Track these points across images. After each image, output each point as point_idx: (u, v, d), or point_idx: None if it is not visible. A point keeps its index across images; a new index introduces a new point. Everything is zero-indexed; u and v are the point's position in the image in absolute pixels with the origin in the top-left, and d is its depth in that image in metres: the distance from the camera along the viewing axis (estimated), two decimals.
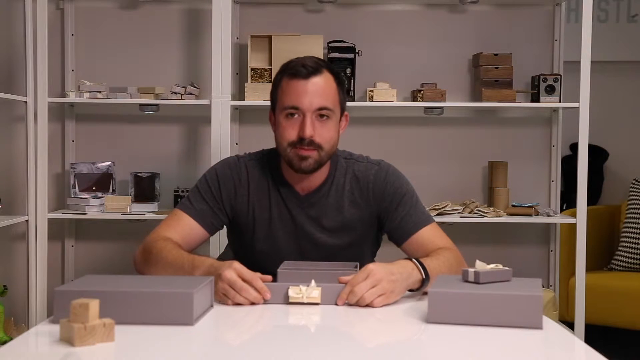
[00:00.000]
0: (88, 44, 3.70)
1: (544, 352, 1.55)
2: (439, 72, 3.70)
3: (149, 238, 2.15)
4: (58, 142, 3.70)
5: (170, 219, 2.20)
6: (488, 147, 3.76)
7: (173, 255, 2.04)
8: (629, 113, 4.83)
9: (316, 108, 2.09)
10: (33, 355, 1.48)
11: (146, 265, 2.10)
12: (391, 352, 1.52)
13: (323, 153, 2.12)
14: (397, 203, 2.20)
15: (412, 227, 2.17)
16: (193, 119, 3.71)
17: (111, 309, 1.52)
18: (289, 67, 2.15)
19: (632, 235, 4.13)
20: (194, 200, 2.21)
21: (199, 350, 1.51)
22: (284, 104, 2.12)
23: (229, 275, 1.82)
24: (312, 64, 2.12)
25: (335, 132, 2.15)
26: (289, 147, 2.12)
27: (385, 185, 2.22)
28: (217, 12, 3.33)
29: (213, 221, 2.21)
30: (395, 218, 2.20)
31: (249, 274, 1.84)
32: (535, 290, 1.65)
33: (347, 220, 2.22)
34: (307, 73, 2.10)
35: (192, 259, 1.99)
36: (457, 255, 2.13)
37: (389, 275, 1.85)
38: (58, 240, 3.71)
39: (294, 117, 2.11)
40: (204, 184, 2.24)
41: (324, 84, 2.11)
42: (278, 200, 2.22)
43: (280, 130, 2.13)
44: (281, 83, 2.15)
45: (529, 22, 3.75)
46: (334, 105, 2.13)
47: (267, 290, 1.83)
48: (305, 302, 1.83)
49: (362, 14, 3.73)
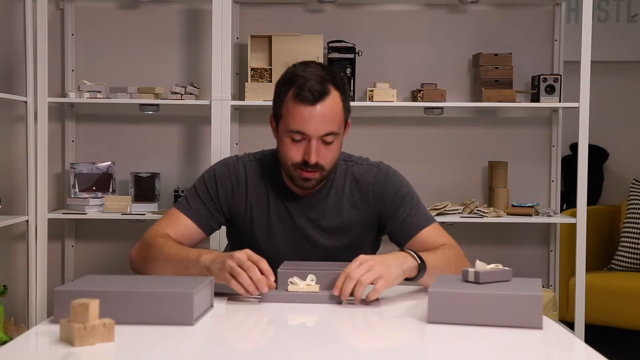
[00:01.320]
0: (88, 44, 3.70)
1: (544, 352, 1.55)
2: (439, 72, 3.70)
3: (147, 236, 2.15)
4: (58, 142, 3.70)
5: (167, 218, 2.21)
6: (488, 147, 3.76)
7: (176, 248, 2.06)
8: (629, 113, 4.83)
9: (322, 134, 2.08)
10: (33, 355, 1.48)
11: (146, 262, 2.09)
12: (391, 352, 1.52)
13: (325, 172, 2.14)
14: (398, 205, 2.20)
15: (414, 228, 2.18)
16: (193, 119, 3.71)
17: (111, 309, 1.52)
18: (295, 85, 2.08)
19: (632, 235, 4.13)
20: (191, 200, 2.22)
21: (199, 350, 1.51)
22: (289, 126, 2.09)
23: (239, 254, 1.87)
24: (319, 87, 2.06)
25: (338, 150, 2.16)
26: (292, 166, 2.12)
27: (385, 187, 2.22)
28: (217, 12, 3.33)
29: (210, 221, 2.21)
30: (396, 220, 2.20)
31: (258, 257, 1.88)
32: (535, 290, 1.66)
33: (346, 222, 2.22)
34: (314, 99, 2.05)
35: (198, 249, 2.02)
36: (458, 251, 2.13)
37: (382, 261, 1.89)
38: (58, 240, 3.71)
39: (299, 140, 2.09)
40: (202, 184, 2.24)
41: (330, 108, 2.08)
42: (277, 202, 2.22)
43: (285, 149, 2.12)
44: (286, 100, 2.10)
45: (529, 22, 3.75)
46: (339, 126, 2.12)
47: (272, 273, 1.86)
48: (304, 291, 1.85)
49: (362, 14, 3.73)
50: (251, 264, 1.85)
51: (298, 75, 2.10)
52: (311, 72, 2.09)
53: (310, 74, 2.08)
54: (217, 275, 1.88)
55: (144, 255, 2.11)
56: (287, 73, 2.15)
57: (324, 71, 2.12)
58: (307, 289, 1.88)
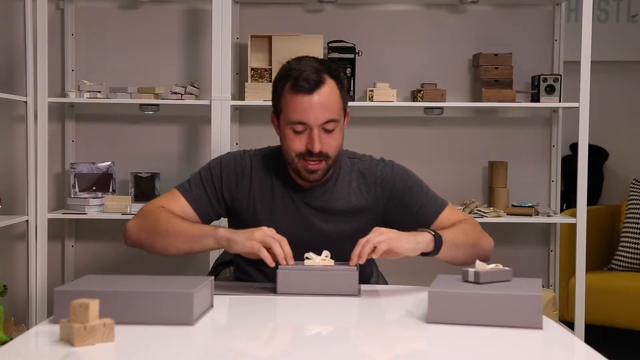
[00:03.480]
0: (88, 44, 3.70)
1: (544, 352, 1.55)
2: (439, 72, 3.70)
3: (147, 209, 2.17)
4: (58, 142, 3.70)
5: (167, 196, 2.23)
6: (488, 147, 3.76)
7: (186, 222, 2.12)
8: (629, 113, 4.83)
9: (322, 122, 2.12)
10: (33, 355, 1.48)
11: (151, 234, 2.11)
12: (391, 352, 1.52)
13: (330, 161, 2.17)
14: (409, 196, 2.24)
15: (431, 215, 2.23)
16: (193, 119, 3.71)
17: (111, 309, 1.52)
18: (291, 78, 2.13)
19: (632, 235, 4.13)
20: (194, 185, 2.25)
21: (199, 350, 1.51)
22: (290, 118, 2.13)
23: (266, 229, 1.99)
24: (314, 76, 2.11)
25: (341, 138, 2.19)
26: (297, 157, 2.15)
27: (393, 181, 2.25)
28: (217, 12, 3.33)
29: (207, 209, 2.23)
30: (412, 210, 2.24)
31: (280, 236, 1.99)
32: (535, 290, 1.66)
33: (352, 208, 2.24)
34: (311, 87, 2.10)
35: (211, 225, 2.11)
36: (473, 224, 2.22)
37: (397, 232, 1.99)
38: (58, 240, 3.71)
39: (301, 131, 2.13)
40: (207, 171, 2.27)
41: (327, 96, 2.12)
42: (282, 193, 2.24)
43: (287, 142, 2.16)
44: (284, 94, 2.15)
45: (529, 22, 3.75)
46: (339, 113, 2.16)
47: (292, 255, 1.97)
48: (320, 265, 1.97)
49: (362, 14, 3.73)
50: (281, 237, 1.97)
51: (293, 68, 2.15)
52: (306, 64, 2.15)
53: (305, 66, 2.14)
54: (242, 244, 1.96)
55: (148, 228, 2.11)
56: (282, 69, 2.20)
57: (318, 62, 2.17)
58: (322, 263, 1.98)
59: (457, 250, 2.10)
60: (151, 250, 2.15)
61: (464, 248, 2.12)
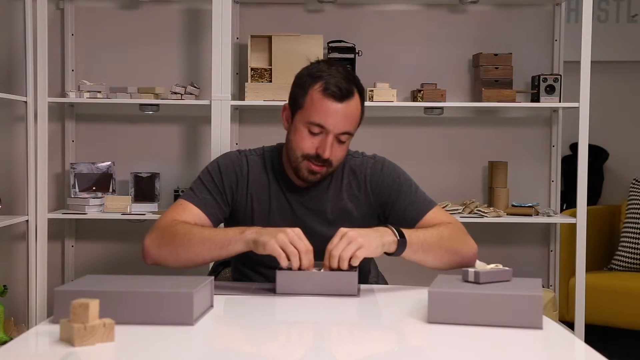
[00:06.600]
0: (88, 44, 3.70)
1: (544, 352, 1.55)
2: (439, 72, 3.70)
3: (162, 225, 2.12)
4: (58, 142, 3.70)
5: (176, 208, 2.20)
6: (488, 147, 3.76)
7: (208, 230, 2.10)
8: (629, 113, 4.83)
9: (340, 132, 2.14)
10: (33, 355, 1.48)
11: (174, 248, 2.06)
12: (391, 352, 1.52)
13: (332, 169, 2.20)
14: (397, 194, 2.24)
15: (417, 215, 2.21)
16: (193, 119, 3.71)
17: (111, 309, 1.52)
18: (322, 80, 2.14)
19: (632, 235, 4.13)
20: (198, 191, 2.23)
21: (199, 350, 1.51)
22: (311, 118, 2.14)
23: (292, 233, 1.93)
24: (347, 85, 2.13)
25: (347, 150, 2.23)
26: (302, 157, 2.16)
27: (382, 178, 2.26)
28: (217, 12, 3.32)
29: (216, 211, 2.23)
30: (398, 209, 2.23)
31: (304, 245, 1.96)
32: (535, 290, 1.66)
33: (345, 212, 2.26)
34: (342, 96, 2.12)
35: (233, 227, 2.08)
36: (455, 227, 2.16)
37: (362, 232, 1.95)
38: (58, 240, 3.71)
39: (316, 133, 2.14)
40: (207, 175, 2.26)
41: (352, 110, 2.15)
42: (278, 193, 2.25)
43: (298, 139, 2.17)
44: (311, 92, 2.15)
45: (529, 22, 3.75)
46: (355, 129, 2.19)
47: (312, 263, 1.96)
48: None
49: (362, 14, 3.73)
50: (306, 246, 1.93)
51: (324, 71, 2.16)
52: (336, 71, 2.16)
53: (336, 72, 2.16)
54: (265, 244, 1.92)
55: (169, 243, 2.08)
56: (312, 67, 2.20)
57: (347, 72, 2.19)
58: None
59: (426, 253, 2.06)
60: (175, 265, 2.09)
61: (435, 251, 2.07)
